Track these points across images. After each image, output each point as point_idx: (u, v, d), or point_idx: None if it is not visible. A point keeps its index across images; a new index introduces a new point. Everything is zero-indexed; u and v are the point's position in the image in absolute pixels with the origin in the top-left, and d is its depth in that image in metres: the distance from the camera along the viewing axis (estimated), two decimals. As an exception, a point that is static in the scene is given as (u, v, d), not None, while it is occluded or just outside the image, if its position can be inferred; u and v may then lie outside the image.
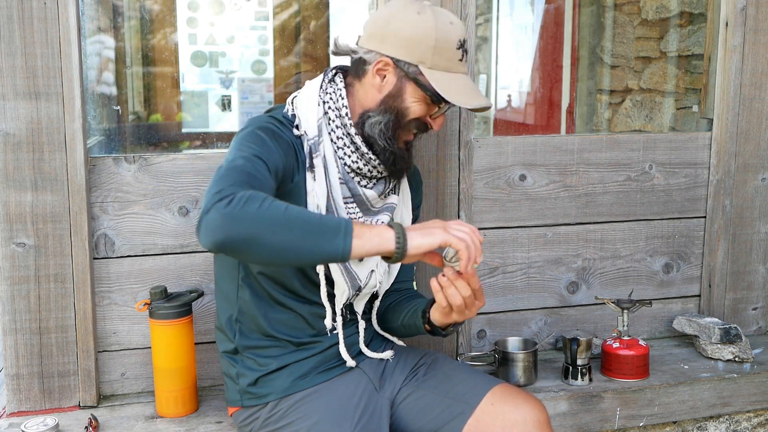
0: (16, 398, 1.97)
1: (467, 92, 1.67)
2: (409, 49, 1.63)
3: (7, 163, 1.88)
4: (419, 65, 1.63)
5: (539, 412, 1.69)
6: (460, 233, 1.44)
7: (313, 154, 1.66)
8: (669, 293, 2.48)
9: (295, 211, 1.39)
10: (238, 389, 1.74)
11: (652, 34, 3.36)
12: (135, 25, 3.52)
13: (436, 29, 1.62)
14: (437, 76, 1.64)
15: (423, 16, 1.63)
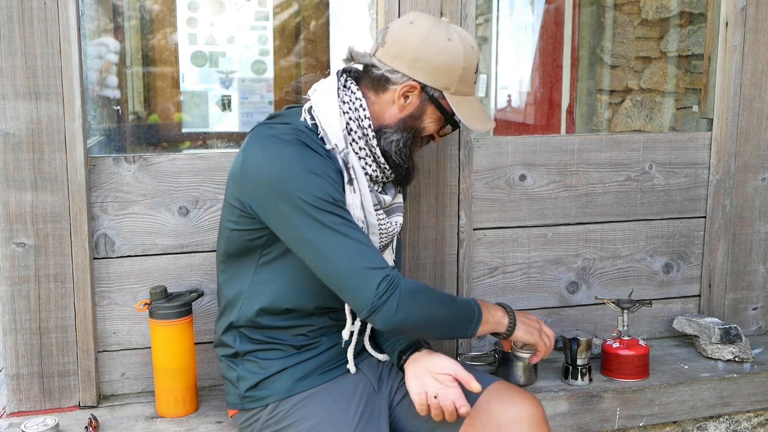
0: (16, 398, 1.97)
1: (480, 116, 1.73)
2: (437, 76, 1.66)
3: (7, 163, 1.88)
4: (444, 91, 1.67)
5: (535, 409, 1.69)
6: (546, 340, 1.77)
7: (347, 166, 1.65)
8: (669, 293, 2.48)
9: (443, 305, 1.63)
10: (239, 393, 1.74)
11: (652, 34, 3.36)
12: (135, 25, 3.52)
13: (464, 58, 1.66)
14: (457, 101, 1.68)
15: (453, 44, 1.65)
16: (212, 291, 2.09)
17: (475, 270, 2.28)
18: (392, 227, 1.76)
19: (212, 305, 2.10)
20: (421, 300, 1.58)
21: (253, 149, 1.63)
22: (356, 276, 1.54)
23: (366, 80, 1.72)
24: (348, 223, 1.57)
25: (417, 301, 1.57)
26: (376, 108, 1.70)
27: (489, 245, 2.29)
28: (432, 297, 1.62)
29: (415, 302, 1.56)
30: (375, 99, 1.70)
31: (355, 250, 1.55)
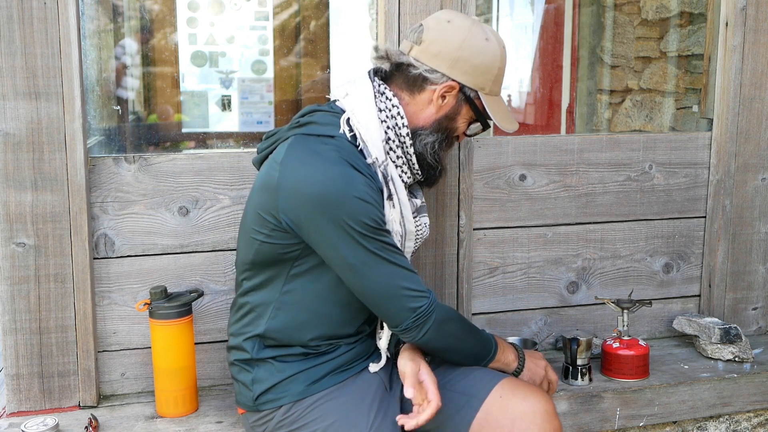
0: (16, 398, 1.97)
1: (507, 116, 1.77)
2: (475, 76, 1.67)
3: (7, 163, 1.88)
4: (479, 91, 1.69)
5: (546, 403, 1.70)
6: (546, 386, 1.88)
7: (387, 180, 1.63)
8: (669, 293, 2.48)
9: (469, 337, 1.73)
10: (252, 395, 1.72)
11: (652, 34, 3.36)
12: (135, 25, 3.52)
13: (500, 58, 1.69)
14: (491, 101, 1.71)
15: (491, 44, 1.67)
16: (212, 291, 2.09)
17: (475, 270, 2.28)
18: (424, 230, 1.79)
19: (212, 305, 2.10)
20: (448, 330, 1.67)
21: (293, 164, 1.58)
22: (396, 299, 1.60)
23: (399, 80, 1.70)
24: (390, 247, 1.60)
25: (444, 331, 1.65)
26: (410, 109, 1.70)
27: (489, 245, 2.29)
28: (458, 330, 1.69)
29: (441, 332, 1.65)
30: (410, 100, 1.69)
31: (396, 275, 1.60)
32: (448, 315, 1.67)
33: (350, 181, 1.55)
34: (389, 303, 1.61)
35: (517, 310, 2.35)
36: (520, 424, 1.65)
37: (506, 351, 1.81)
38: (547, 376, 1.88)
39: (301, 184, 1.55)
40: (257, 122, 4.09)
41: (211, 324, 2.10)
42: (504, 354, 1.79)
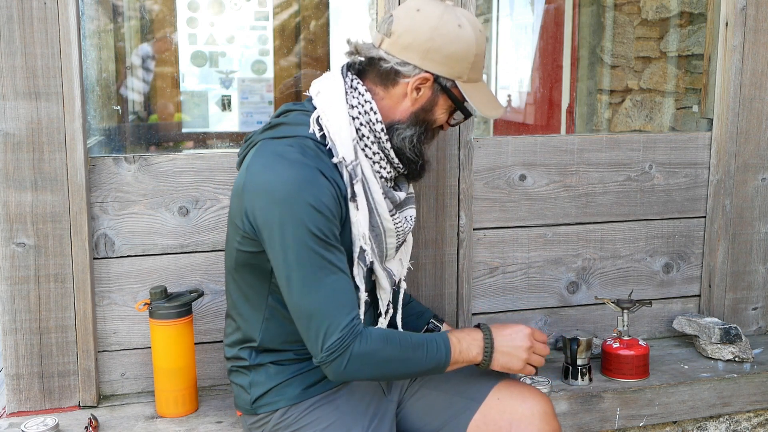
0: (16, 398, 1.97)
1: (491, 102, 1.70)
2: (450, 65, 1.61)
3: (7, 163, 1.88)
4: (456, 80, 1.63)
5: (545, 404, 1.70)
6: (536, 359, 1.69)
7: (353, 181, 1.59)
8: (669, 293, 2.48)
9: (406, 356, 1.57)
10: (249, 398, 1.72)
11: (652, 34, 3.36)
12: (135, 25, 3.52)
13: (476, 44, 1.62)
14: (470, 89, 1.64)
15: (464, 31, 1.60)
16: (212, 291, 2.09)
17: (475, 270, 2.28)
18: (406, 224, 1.74)
19: (212, 305, 2.10)
20: (373, 361, 1.54)
21: (257, 169, 1.56)
22: (315, 325, 1.51)
23: (372, 74, 1.65)
24: (329, 267, 1.51)
25: (367, 363, 1.53)
26: (385, 104, 1.64)
27: (489, 245, 2.29)
28: (387, 356, 1.54)
29: (364, 365, 1.53)
30: (384, 94, 1.64)
31: (323, 299, 1.51)
32: (369, 349, 1.52)
33: (307, 187, 1.50)
34: (307, 330, 1.52)
35: (517, 310, 2.35)
36: (518, 426, 1.65)
37: (466, 350, 1.63)
38: (532, 353, 1.68)
39: (261, 187, 1.53)
40: (257, 122, 4.09)
41: (211, 324, 2.10)
42: (463, 354, 1.62)
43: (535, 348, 1.68)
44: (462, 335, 1.64)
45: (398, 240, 1.72)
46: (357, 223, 1.59)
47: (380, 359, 1.54)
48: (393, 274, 1.75)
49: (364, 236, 1.60)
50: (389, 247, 1.70)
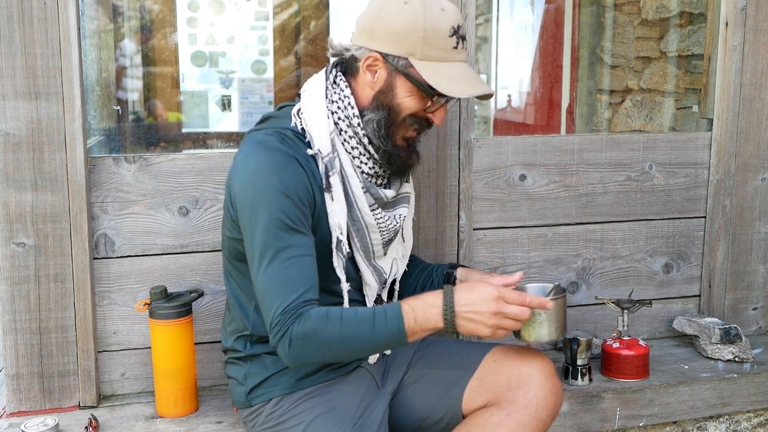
0: (16, 398, 1.97)
1: (462, 81, 1.60)
2: (397, 42, 1.57)
3: (7, 163, 1.88)
4: (409, 57, 1.57)
5: (543, 362, 1.68)
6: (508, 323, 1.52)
7: (329, 172, 1.61)
8: (669, 293, 2.48)
9: (348, 340, 1.51)
10: (245, 390, 1.74)
11: (652, 34, 3.36)
12: (135, 25, 3.52)
13: (425, 18, 1.55)
14: (429, 67, 1.57)
15: (410, 6, 1.56)
16: (212, 291, 2.09)
17: (475, 270, 2.28)
18: (393, 222, 1.73)
19: (212, 305, 2.10)
20: (315, 342, 1.50)
21: (240, 157, 1.62)
22: (266, 307, 1.53)
23: (348, 68, 1.68)
24: (288, 250, 1.52)
25: (309, 345, 1.50)
26: (357, 94, 1.65)
27: (489, 245, 2.29)
28: (329, 335, 1.50)
29: (306, 347, 1.50)
30: (355, 85, 1.66)
31: (275, 281, 1.52)
32: (311, 329, 1.49)
33: (278, 171, 1.54)
34: (262, 312, 1.55)
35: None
36: (516, 382, 1.63)
37: (423, 319, 1.51)
38: (502, 317, 1.51)
39: (240, 172, 1.59)
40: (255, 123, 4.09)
41: (211, 324, 2.10)
42: (419, 323, 1.51)
43: (504, 311, 1.51)
44: (417, 303, 1.52)
45: (383, 237, 1.71)
46: (332, 213, 1.62)
47: (322, 339, 1.50)
48: (384, 272, 1.75)
49: (340, 226, 1.62)
50: (374, 243, 1.70)
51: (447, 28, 1.57)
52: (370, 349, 1.60)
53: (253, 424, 1.75)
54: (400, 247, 1.82)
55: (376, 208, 1.69)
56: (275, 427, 1.70)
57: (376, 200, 1.69)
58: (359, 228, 1.67)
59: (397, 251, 1.80)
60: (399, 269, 1.82)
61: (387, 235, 1.72)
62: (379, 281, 1.75)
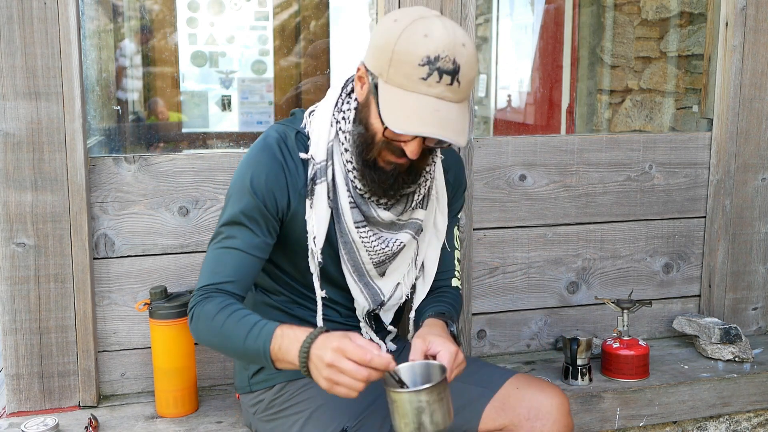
0: (16, 398, 1.97)
1: (415, 116, 1.43)
2: (375, 58, 1.48)
3: (7, 163, 1.88)
4: (379, 77, 1.48)
5: (563, 398, 1.70)
6: (344, 379, 1.34)
7: (316, 180, 1.61)
8: (669, 293, 2.48)
9: (225, 336, 1.50)
10: (248, 374, 1.75)
11: (652, 34, 3.36)
12: (135, 25, 3.52)
13: (398, 39, 1.43)
14: (389, 92, 1.45)
15: (396, 24, 1.45)
16: (212, 291, 2.09)
17: (475, 270, 2.28)
18: (382, 245, 1.66)
19: (212, 305, 2.10)
20: (202, 328, 1.54)
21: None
22: (197, 282, 1.61)
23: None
24: (229, 240, 1.58)
25: (201, 326, 1.54)
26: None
27: (489, 245, 2.29)
28: (214, 327, 1.50)
29: (199, 326, 1.55)
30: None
31: (207, 263, 1.60)
32: (206, 309, 1.52)
33: (254, 167, 1.59)
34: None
35: (517, 310, 2.35)
36: (536, 414, 1.65)
37: (286, 350, 1.41)
38: (333, 378, 1.35)
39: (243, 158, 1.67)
40: (257, 122, 4.09)
41: (211, 324, 2.10)
42: (282, 352, 1.42)
43: (339, 366, 1.33)
44: (289, 333, 1.43)
45: (372, 258, 1.68)
46: (310, 221, 1.62)
47: (208, 327, 1.52)
48: (381, 293, 1.73)
49: (315, 238, 1.63)
50: (364, 261, 1.68)
51: (419, 56, 1.41)
52: (240, 356, 1.56)
53: (255, 410, 1.76)
54: (409, 272, 1.75)
55: (364, 225, 1.64)
56: (277, 413, 1.70)
57: (367, 218, 1.64)
58: (347, 242, 1.65)
59: (404, 276, 1.75)
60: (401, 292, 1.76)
61: (376, 257, 1.68)
62: (372, 302, 1.72)
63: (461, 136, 1.46)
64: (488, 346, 2.34)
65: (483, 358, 2.28)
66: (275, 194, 1.60)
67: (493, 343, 2.35)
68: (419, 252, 1.76)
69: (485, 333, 2.34)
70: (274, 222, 1.62)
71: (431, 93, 1.43)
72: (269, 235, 1.62)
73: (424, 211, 1.71)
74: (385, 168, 1.56)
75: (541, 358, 2.33)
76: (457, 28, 1.47)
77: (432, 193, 1.73)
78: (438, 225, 1.77)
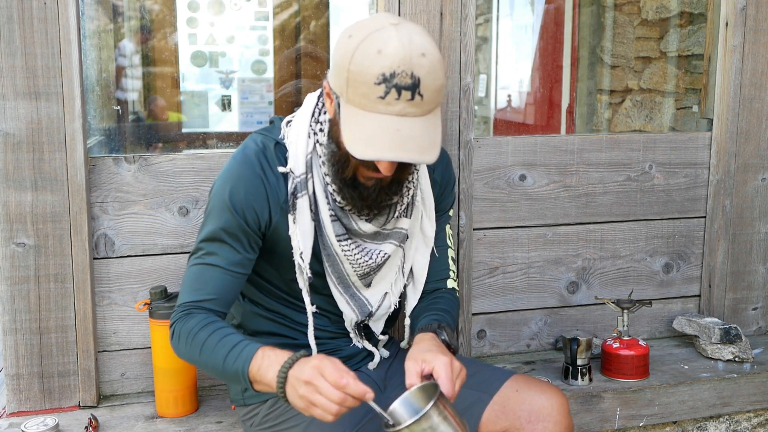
0: (16, 398, 1.97)
1: (374, 139, 1.37)
2: (335, 76, 1.42)
3: (7, 163, 1.88)
4: (340, 97, 1.42)
5: (563, 398, 1.69)
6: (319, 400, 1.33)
7: (297, 194, 1.57)
8: (669, 293, 2.48)
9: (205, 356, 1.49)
10: (240, 388, 1.74)
11: (652, 34, 3.36)
12: (135, 26, 3.53)
13: (352, 58, 1.36)
14: (350, 112, 1.39)
15: (350, 41, 1.38)
16: (212, 291, 2.09)
17: (475, 270, 2.28)
18: (365, 258, 1.63)
19: (212, 305, 2.10)
20: (182, 345, 1.53)
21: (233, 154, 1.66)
22: (178, 299, 1.60)
23: None
24: (209, 257, 1.57)
25: (183, 343, 1.53)
26: None
27: (489, 245, 2.29)
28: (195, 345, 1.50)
29: (180, 343, 1.54)
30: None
31: (191, 279, 1.58)
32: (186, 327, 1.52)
33: (234, 186, 1.56)
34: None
35: (517, 310, 2.35)
36: (536, 416, 1.65)
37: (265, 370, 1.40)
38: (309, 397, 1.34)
39: (221, 170, 1.63)
40: (257, 122, 4.09)
41: (211, 324, 2.10)
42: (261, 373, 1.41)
43: (316, 384, 1.32)
44: (270, 354, 1.41)
45: (356, 270, 1.65)
46: (294, 236, 1.60)
47: (190, 344, 1.51)
48: (368, 304, 1.71)
49: (302, 253, 1.60)
50: (349, 274, 1.66)
51: (374, 74, 1.34)
52: (220, 375, 1.51)
53: (250, 423, 1.75)
54: (396, 281, 1.74)
55: (346, 238, 1.61)
56: (272, 428, 1.70)
57: (348, 230, 1.61)
58: (330, 254, 1.63)
59: (391, 285, 1.73)
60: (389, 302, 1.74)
61: (361, 269, 1.65)
62: (360, 313, 1.71)
63: (427, 154, 1.39)
64: (488, 346, 2.34)
65: (483, 358, 2.28)
66: (255, 209, 1.56)
67: (493, 343, 2.35)
68: (406, 260, 1.73)
69: (485, 333, 2.34)
70: (255, 237, 1.59)
71: (391, 111, 1.36)
72: (251, 251, 1.60)
73: (408, 219, 1.68)
74: (366, 184, 1.52)
75: (541, 358, 2.33)
76: (416, 35, 1.38)
77: (417, 200, 1.68)
78: (426, 231, 1.74)
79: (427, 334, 1.58)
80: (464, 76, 2.17)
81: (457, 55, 2.16)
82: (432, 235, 1.76)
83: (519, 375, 1.74)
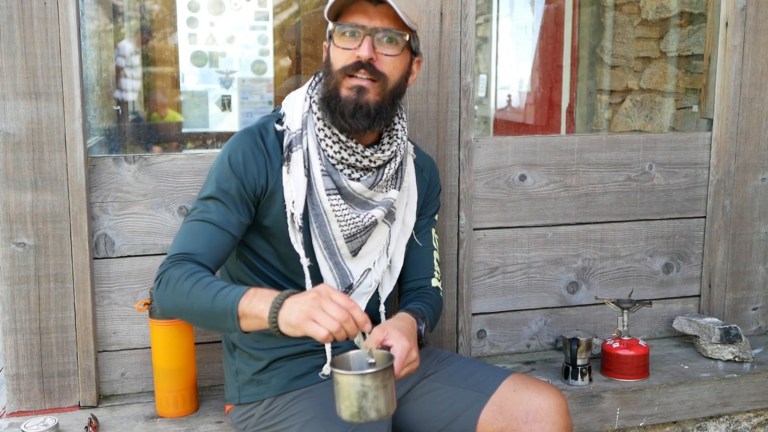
0: (16, 398, 1.97)
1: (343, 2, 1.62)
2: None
3: (7, 163, 1.88)
4: (329, 22, 1.64)
5: (561, 398, 1.70)
6: (321, 316, 1.33)
7: (292, 147, 1.68)
8: (669, 293, 2.48)
9: (193, 298, 1.48)
10: (237, 386, 1.75)
11: (652, 34, 3.36)
12: (135, 26, 3.52)
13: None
14: (331, 8, 1.63)
15: None
16: (212, 291, 2.09)
17: (475, 270, 2.28)
18: (353, 215, 1.68)
19: (212, 305, 2.10)
20: (169, 291, 1.52)
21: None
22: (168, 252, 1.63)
23: None
24: (203, 213, 1.62)
25: (169, 290, 1.52)
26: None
27: (489, 245, 2.29)
28: (183, 288, 1.50)
29: (167, 290, 1.53)
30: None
31: (184, 234, 1.62)
32: (174, 276, 1.52)
33: (234, 149, 1.66)
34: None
35: (517, 310, 2.35)
36: (534, 416, 1.65)
37: (257, 302, 1.41)
38: (312, 313, 1.34)
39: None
40: (257, 122, 4.09)
41: (211, 324, 2.10)
42: (252, 305, 1.41)
43: (323, 304, 1.34)
44: (264, 290, 1.44)
45: (343, 229, 1.68)
46: (287, 187, 1.66)
47: (177, 289, 1.51)
48: (350, 275, 1.72)
49: (294, 201, 1.66)
50: (335, 236, 1.69)
51: None
52: (206, 316, 1.48)
53: (244, 425, 1.75)
54: (380, 259, 1.77)
55: (336, 193, 1.68)
56: (268, 429, 1.69)
57: (338, 188, 1.68)
58: (318, 213, 1.68)
59: (374, 262, 1.76)
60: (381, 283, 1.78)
61: (347, 228, 1.69)
62: (341, 283, 1.72)
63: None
64: (488, 346, 2.34)
65: (483, 358, 2.28)
66: (253, 172, 1.65)
67: (493, 343, 2.35)
68: (390, 242, 1.79)
69: (485, 333, 2.34)
70: (249, 203, 1.66)
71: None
72: (245, 214, 1.65)
73: (397, 192, 1.76)
74: (349, 96, 1.62)
75: (541, 358, 2.33)
76: None
77: (405, 180, 1.78)
78: (406, 221, 1.82)
79: (409, 318, 1.63)
80: (464, 76, 2.17)
81: (457, 55, 2.16)
82: (411, 225, 1.83)
83: (517, 375, 1.74)
